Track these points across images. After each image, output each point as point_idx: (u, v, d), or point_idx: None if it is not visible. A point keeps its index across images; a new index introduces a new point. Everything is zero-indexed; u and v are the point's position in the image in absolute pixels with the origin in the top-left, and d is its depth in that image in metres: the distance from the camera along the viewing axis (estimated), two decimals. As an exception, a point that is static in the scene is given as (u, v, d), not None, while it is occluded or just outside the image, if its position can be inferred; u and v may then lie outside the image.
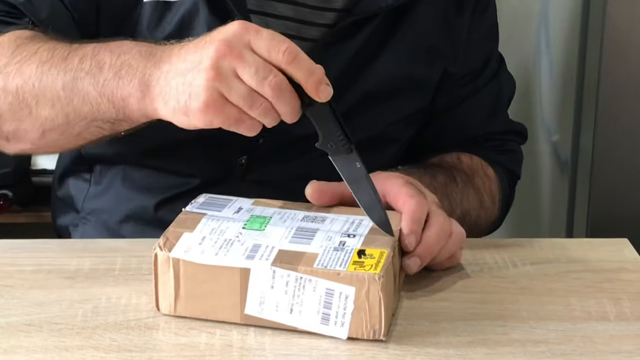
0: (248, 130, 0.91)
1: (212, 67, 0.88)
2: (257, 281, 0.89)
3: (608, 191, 1.47)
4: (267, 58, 0.89)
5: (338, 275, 0.87)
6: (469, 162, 1.26)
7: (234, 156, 1.19)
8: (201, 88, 0.89)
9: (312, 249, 0.90)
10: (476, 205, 1.22)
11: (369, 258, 0.88)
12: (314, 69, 0.89)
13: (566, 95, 1.58)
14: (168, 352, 0.87)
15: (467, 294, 0.98)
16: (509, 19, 2.01)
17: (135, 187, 1.23)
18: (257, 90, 0.88)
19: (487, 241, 1.14)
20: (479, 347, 0.88)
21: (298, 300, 0.88)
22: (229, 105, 0.89)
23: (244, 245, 0.91)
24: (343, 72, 1.18)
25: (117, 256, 1.03)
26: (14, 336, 0.89)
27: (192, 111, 0.90)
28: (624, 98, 1.43)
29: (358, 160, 0.94)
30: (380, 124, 1.23)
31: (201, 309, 0.91)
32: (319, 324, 0.88)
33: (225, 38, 0.89)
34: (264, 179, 1.20)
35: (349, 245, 0.90)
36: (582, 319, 0.93)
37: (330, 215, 0.97)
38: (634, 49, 1.41)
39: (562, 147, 1.62)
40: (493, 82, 1.30)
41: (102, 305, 0.94)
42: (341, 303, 0.87)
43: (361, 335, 0.88)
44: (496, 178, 1.27)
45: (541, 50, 1.77)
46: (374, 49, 1.20)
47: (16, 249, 1.06)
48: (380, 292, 0.86)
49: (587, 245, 1.11)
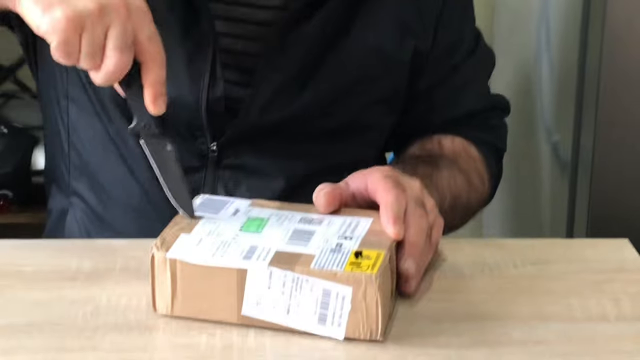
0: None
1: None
2: (254, 282, 0.89)
3: (608, 191, 1.47)
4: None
5: (335, 275, 0.87)
6: (450, 145, 1.24)
7: (204, 144, 1.19)
8: None
9: (309, 250, 0.90)
10: (465, 187, 1.21)
11: (365, 259, 0.88)
12: None
13: (566, 95, 1.58)
14: (168, 353, 0.87)
15: (468, 294, 0.98)
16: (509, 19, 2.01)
17: (114, 184, 1.23)
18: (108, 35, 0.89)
19: (487, 241, 1.14)
20: (479, 347, 0.88)
21: (295, 301, 0.88)
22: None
23: (240, 246, 0.91)
24: (307, 56, 1.18)
25: (117, 256, 1.03)
26: (14, 336, 0.89)
27: None
28: (624, 98, 1.43)
29: (169, 144, 0.95)
30: (355, 108, 1.22)
31: (198, 310, 0.91)
32: (316, 324, 0.88)
33: None
34: (240, 163, 1.20)
35: (346, 246, 0.90)
36: (582, 319, 0.93)
37: (327, 217, 0.97)
38: (634, 48, 1.41)
39: (562, 147, 1.62)
40: (471, 58, 1.28)
41: (102, 306, 0.94)
42: (338, 303, 0.87)
43: (358, 335, 0.87)
44: (480, 157, 1.26)
45: (541, 50, 1.77)
46: (338, 30, 1.19)
47: (16, 249, 1.06)
48: (377, 292, 0.86)
49: (587, 245, 1.11)
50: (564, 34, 1.63)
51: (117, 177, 1.22)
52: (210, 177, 1.20)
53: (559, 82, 1.68)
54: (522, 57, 1.89)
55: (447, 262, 1.02)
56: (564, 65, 1.64)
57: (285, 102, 1.18)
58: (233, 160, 1.20)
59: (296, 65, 1.18)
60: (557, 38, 1.69)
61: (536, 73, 1.81)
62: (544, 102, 1.78)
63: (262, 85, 1.17)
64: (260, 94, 1.17)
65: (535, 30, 1.79)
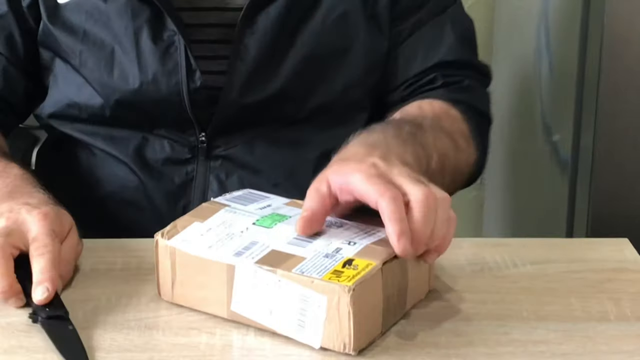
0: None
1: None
2: (241, 279, 0.88)
3: (608, 191, 1.47)
4: None
5: (312, 282, 0.85)
6: (429, 108, 1.22)
7: (193, 135, 1.21)
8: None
9: (303, 253, 0.88)
10: (451, 146, 1.17)
11: (352, 269, 0.85)
12: None
13: (566, 95, 1.58)
14: (168, 352, 0.87)
15: (467, 294, 0.97)
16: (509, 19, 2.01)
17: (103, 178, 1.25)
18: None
19: (487, 241, 1.14)
20: (479, 347, 0.88)
21: (277, 303, 0.87)
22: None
23: (242, 241, 0.91)
24: (278, 34, 1.19)
25: (117, 256, 1.03)
26: (14, 336, 0.89)
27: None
28: (624, 98, 1.43)
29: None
30: (337, 86, 1.22)
31: (194, 299, 0.92)
32: (295, 329, 0.87)
33: None
34: (230, 153, 1.22)
35: (343, 253, 0.88)
36: (582, 319, 0.93)
37: (350, 223, 0.94)
38: (634, 49, 1.41)
39: (562, 147, 1.62)
40: (441, 16, 1.27)
41: (102, 305, 0.94)
42: (314, 311, 0.85)
43: (332, 346, 0.86)
44: (461, 117, 1.22)
45: (541, 50, 1.77)
46: (307, 4, 1.21)
47: (16, 249, 1.06)
48: (349, 305, 0.83)
49: (587, 245, 1.11)
50: (564, 34, 1.63)
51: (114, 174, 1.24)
52: (201, 168, 1.21)
53: (559, 82, 1.68)
54: (522, 57, 1.89)
55: (447, 262, 1.02)
56: (563, 65, 1.64)
57: (262, 81, 1.20)
58: (223, 150, 1.22)
59: (269, 44, 1.19)
60: (557, 38, 1.69)
61: (536, 73, 1.81)
62: (544, 102, 1.78)
63: (237, 68, 1.19)
64: (236, 76, 1.19)
65: (535, 30, 1.79)
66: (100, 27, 1.20)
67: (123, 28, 1.19)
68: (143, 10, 1.19)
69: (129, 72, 1.19)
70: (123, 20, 1.19)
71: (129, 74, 1.19)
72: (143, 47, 1.19)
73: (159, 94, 1.19)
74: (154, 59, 1.18)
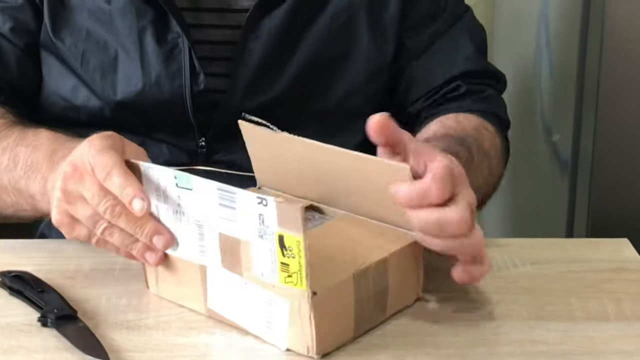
0: (109, 248, 0.94)
1: (60, 188, 0.93)
2: (212, 278, 0.89)
3: (608, 191, 1.47)
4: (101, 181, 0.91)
5: (273, 287, 0.84)
6: (466, 123, 1.21)
7: (192, 140, 1.21)
8: (55, 208, 0.94)
9: (243, 235, 0.84)
10: (486, 174, 1.17)
11: (290, 257, 0.81)
12: (125, 186, 0.89)
13: (566, 95, 1.58)
14: (168, 352, 0.87)
15: (468, 294, 0.97)
16: (509, 19, 2.01)
17: None
18: (98, 212, 0.91)
19: (487, 241, 1.13)
20: (478, 347, 0.88)
21: (246, 303, 0.87)
22: (79, 224, 0.93)
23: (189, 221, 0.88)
24: (282, 39, 1.19)
25: (117, 256, 1.03)
26: (14, 336, 0.89)
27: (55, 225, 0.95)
28: (624, 98, 1.43)
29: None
30: (338, 92, 1.22)
31: (175, 294, 0.93)
32: (264, 329, 0.87)
33: (72, 159, 0.93)
34: (230, 159, 1.20)
35: (268, 223, 0.82)
36: (582, 319, 0.93)
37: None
38: (634, 49, 1.41)
39: (562, 147, 1.62)
40: (457, 25, 1.27)
41: (102, 305, 0.94)
42: (279, 313, 0.85)
43: (297, 348, 0.86)
44: (495, 131, 1.23)
45: (541, 50, 1.77)
46: (312, 7, 1.20)
47: (16, 249, 1.06)
48: (311, 310, 0.83)
49: (587, 245, 1.11)
50: (564, 34, 1.63)
51: None
52: (201, 175, 1.20)
53: (558, 82, 1.68)
54: (522, 57, 1.89)
55: (447, 262, 1.02)
56: (563, 65, 1.64)
57: (265, 85, 1.19)
58: (223, 156, 1.21)
59: (273, 49, 1.19)
60: (557, 38, 1.69)
61: (536, 73, 1.81)
62: (544, 102, 1.78)
63: (240, 71, 1.18)
64: (240, 80, 1.18)
65: (535, 30, 1.79)
66: (103, 27, 1.20)
67: (127, 28, 1.18)
68: (147, 11, 1.18)
69: (131, 73, 1.18)
70: (126, 21, 1.18)
71: (132, 75, 1.18)
72: (147, 49, 1.18)
73: (161, 96, 1.18)
74: (157, 61, 1.18)
